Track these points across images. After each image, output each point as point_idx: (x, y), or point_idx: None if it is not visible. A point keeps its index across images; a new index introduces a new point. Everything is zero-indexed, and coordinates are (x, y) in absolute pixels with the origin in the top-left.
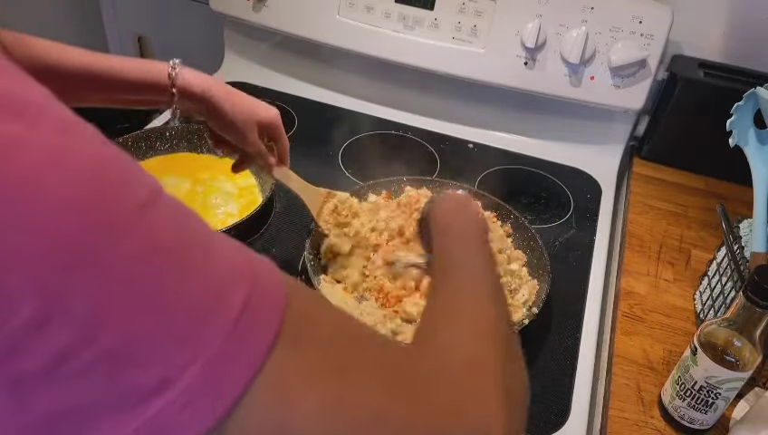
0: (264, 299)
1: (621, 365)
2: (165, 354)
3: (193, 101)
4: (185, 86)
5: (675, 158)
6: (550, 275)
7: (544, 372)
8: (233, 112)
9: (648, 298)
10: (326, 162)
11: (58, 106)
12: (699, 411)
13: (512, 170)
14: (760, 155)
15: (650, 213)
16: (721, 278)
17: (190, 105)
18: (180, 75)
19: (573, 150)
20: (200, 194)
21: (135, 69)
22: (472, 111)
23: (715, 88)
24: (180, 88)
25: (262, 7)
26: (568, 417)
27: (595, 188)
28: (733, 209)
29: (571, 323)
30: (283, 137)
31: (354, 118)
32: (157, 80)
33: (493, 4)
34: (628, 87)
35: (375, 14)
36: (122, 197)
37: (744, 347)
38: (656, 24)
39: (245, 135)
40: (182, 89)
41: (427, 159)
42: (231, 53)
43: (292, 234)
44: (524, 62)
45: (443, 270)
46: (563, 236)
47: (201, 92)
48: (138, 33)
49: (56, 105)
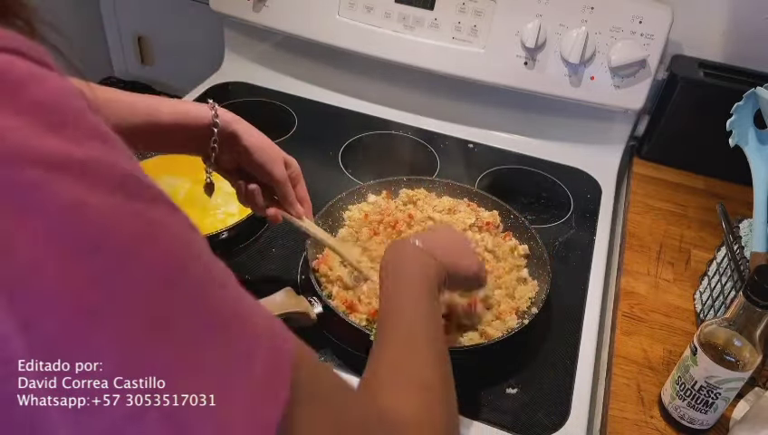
0: (279, 362)
1: (621, 365)
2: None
3: (225, 136)
4: (222, 124)
5: (675, 158)
6: (550, 275)
7: (544, 372)
8: (259, 143)
9: (648, 298)
10: (326, 162)
11: (146, 176)
12: (699, 411)
13: (512, 170)
14: (760, 155)
15: (650, 213)
16: (721, 278)
17: (224, 143)
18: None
19: (573, 150)
20: (200, 194)
21: (175, 107)
22: (472, 111)
23: (715, 88)
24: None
25: (262, 7)
26: (568, 417)
27: (595, 188)
28: (733, 209)
29: (571, 324)
30: (303, 183)
31: (354, 118)
32: (200, 119)
33: (493, 5)
34: (628, 87)
35: (375, 14)
36: (196, 271)
37: (744, 347)
38: (656, 24)
39: (273, 168)
40: (220, 125)
41: (427, 159)
42: (231, 52)
43: (293, 234)
44: (524, 62)
45: (386, 314)
46: (563, 237)
47: (234, 129)
48: (138, 33)
49: (146, 175)
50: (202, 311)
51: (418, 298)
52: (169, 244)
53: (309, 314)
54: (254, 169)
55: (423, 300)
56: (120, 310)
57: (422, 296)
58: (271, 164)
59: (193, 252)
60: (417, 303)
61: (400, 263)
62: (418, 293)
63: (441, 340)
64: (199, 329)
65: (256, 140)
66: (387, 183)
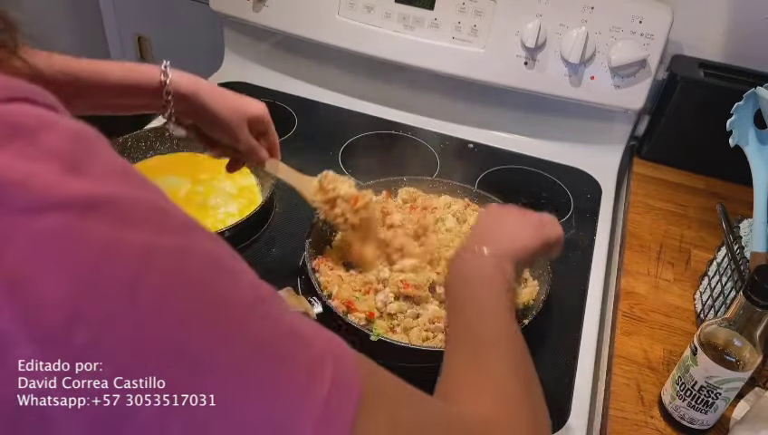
0: (345, 375)
1: (621, 365)
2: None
3: (182, 102)
4: (175, 88)
5: (675, 158)
6: (550, 275)
7: (544, 372)
8: (222, 111)
9: (648, 298)
10: (326, 162)
11: (173, 205)
12: (699, 411)
13: (512, 170)
14: (760, 155)
15: (650, 213)
16: (721, 278)
17: (179, 107)
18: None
19: (573, 150)
20: (200, 194)
21: (124, 72)
22: (472, 111)
23: (715, 88)
24: (171, 90)
25: (262, 7)
26: (568, 417)
27: (595, 188)
28: (733, 209)
29: (572, 324)
30: (272, 130)
31: (354, 118)
32: (149, 83)
33: (493, 5)
34: (628, 87)
35: (375, 14)
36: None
37: (744, 347)
38: (656, 24)
39: (236, 133)
40: (173, 91)
41: (427, 159)
42: (231, 53)
43: (292, 234)
44: (524, 62)
45: (455, 329)
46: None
47: (190, 93)
48: (138, 33)
49: (172, 204)
50: (261, 333)
51: (487, 308)
52: (203, 272)
53: (309, 314)
54: (215, 134)
55: (492, 308)
56: (164, 349)
57: (490, 305)
58: (234, 130)
59: (240, 275)
60: (486, 313)
61: (460, 279)
62: (486, 304)
63: (520, 345)
64: (247, 354)
65: (217, 105)
66: (387, 183)
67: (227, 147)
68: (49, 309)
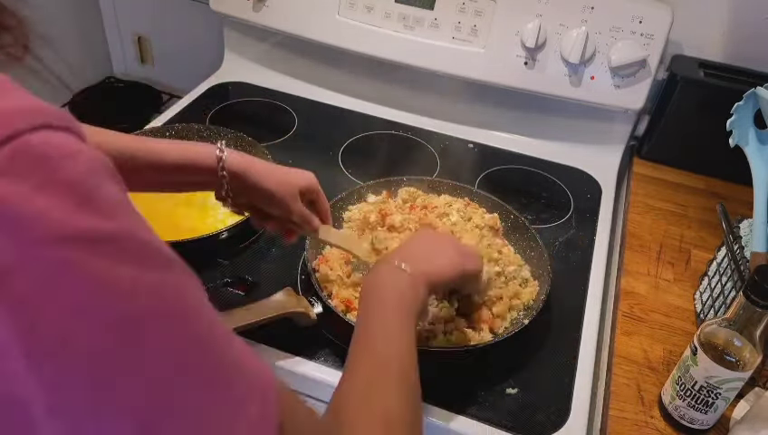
0: (268, 402)
1: (621, 365)
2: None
3: (235, 180)
4: (228, 166)
5: (675, 158)
6: (550, 275)
7: (544, 372)
8: (273, 186)
9: (648, 298)
10: (326, 162)
11: (157, 238)
12: (699, 411)
13: (512, 170)
14: (760, 155)
15: (650, 213)
16: (721, 278)
17: (233, 184)
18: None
19: (573, 150)
20: (200, 194)
21: (181, 151)
22: (472, 111)
23: (715, 88)
24: (226, 167)
25: (262, 7)
26: (568, 417)
27: (595, 188)
28: (733, 209)
29: (571, 324)
30: (322, 197)
31: (354, 118)
32: (204, 161)
33: (493, 4)
34: (628, 87)
35: (375, 13)
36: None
37: (744, 347)
38: (656, 24)
39: (289, 206)
40: (227, 168)
41: (427, 159)
42: (231, 52)
43: None
44: (524, 62)
45: (357, 341)
46: (563, 237)
47: (242, 171)
48: (138, 33)
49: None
50: (210, 365)
51: (393, 325)
52: (182, 308)
53: (309, 313)
54: (270, 210)
55: (397, 326)
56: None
57: (396, 322)
58: (288, 203)
59: (203, 312)
60: (391, 330)
61: (374, 287)
62: (392, 319)
63: (413, 369)
64: (205, 381)
65: (269, 182)
66: (387, 183)
67: (281, 219)
68: (44, 329)
